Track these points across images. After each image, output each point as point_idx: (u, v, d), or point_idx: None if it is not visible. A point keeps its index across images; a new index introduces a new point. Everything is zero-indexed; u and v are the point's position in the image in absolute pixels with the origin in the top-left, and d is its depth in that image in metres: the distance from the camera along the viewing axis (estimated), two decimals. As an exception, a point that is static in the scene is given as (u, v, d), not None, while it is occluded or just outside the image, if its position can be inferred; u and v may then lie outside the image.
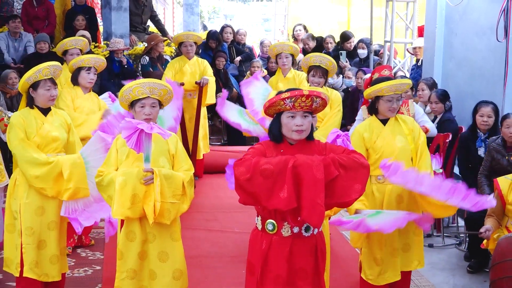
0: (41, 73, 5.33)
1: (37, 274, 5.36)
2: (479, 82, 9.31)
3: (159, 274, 4.48)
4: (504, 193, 6.00)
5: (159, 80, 4.83)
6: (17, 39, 11.14)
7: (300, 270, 3.93)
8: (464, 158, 7.38)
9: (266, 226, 3.95)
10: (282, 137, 3.95)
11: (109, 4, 11.86)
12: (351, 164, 3.79)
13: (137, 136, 4.25)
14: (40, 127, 5.36)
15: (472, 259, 6.88)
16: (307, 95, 3.83)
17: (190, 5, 14.12)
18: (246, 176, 3.72)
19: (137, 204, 4.35)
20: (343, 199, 3.82)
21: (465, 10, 9.82)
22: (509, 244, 5.60)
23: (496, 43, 8.75)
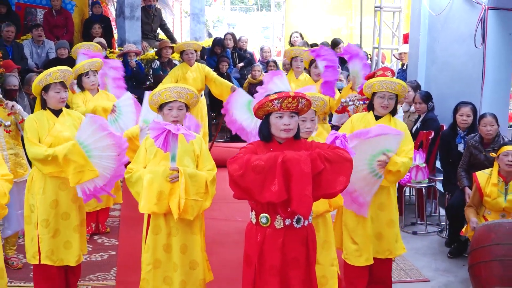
0: (51, 76, 5.32)
1: (53, 260, 5.41)
2: (458, 85, 9.31)
3: (179, 264, 4.49)
4: (482, 186, 6.02)
5: (186, 85, 4.81)
6: (40, 46, 11.14)
7: (293, 260, 3.93)
8: (445, 154, 7.39)
9: (260, 219, 3.95)
10: (271, 136, 3.96)
11: (123, 13, 11.87)
12: (335, 158, 3.79)
13: (164, 136, 4.24)
14: (52, 128, 5.35)
15: (452, 245, 6.90)
16: (293, 96, 3.83)
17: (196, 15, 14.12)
18: (239, 172, 3.73)
19: (163, 200, 4.35)
20: (329, 191, 3.82)
21: (446, 19, 9.82)
22: (485, 232, 5.62)
23: (474, 49, 8.75)
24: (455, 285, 6.12)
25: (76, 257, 5.52)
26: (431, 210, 8.15)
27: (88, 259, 6.46)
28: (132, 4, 11.86)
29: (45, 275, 5.50)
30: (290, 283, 3.93)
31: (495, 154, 6.02)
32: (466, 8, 9.24)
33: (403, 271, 6.42)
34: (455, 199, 6.77)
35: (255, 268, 3.96)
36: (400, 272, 6.38)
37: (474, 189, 6.14)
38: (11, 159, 6.08)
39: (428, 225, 7.70)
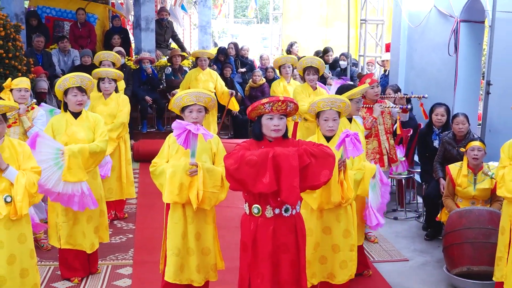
0: (68, 81, 5.26)
1: (72, 245, 5.40)
2: (434, 88, 9.30)
3: (196, 250, 4.47)
4: (454, 177, 6.03)
5: (205, 90, 4.76)
6: (66, 54, 11.15)
7: (282, 245, 3.92)
8: (422, 149, 7.38)
9: (252, 210, 3.95)
10: (262, 135, 3.96)
11: (139, 26, 11.87)
12: (320, 154, 3.79)
13: (185, 135, 4.22)
14: (68, 127, 5.30)
15: (428, 229, 6.89)
16: (282, 100, 3.85)
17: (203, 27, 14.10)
18: (234, 166, 3.72)
19: (184, 191, 4.32)
20: (314, 182, 3.81)
21: (423, 31, 9.81)
22: (457, 217, 5.62)
23: (448, 57, 8.75)
24: (431, 264, 6.11)
25: (89, 246, 5.47)
26: (410, 198, 8.14)
27: (109, 242, 6.45)
28: (147, 17, 11.87)
29: (67, 257, 5.50)
30: (280, 265, 3.94)
31: (464, 149, 6.03)
32: (441, 20, 9.23)
33: (385, 252, 6.41)
34: (431, 189, 6.76)
35: (250, 253, 3.97)
36: (382, 253, 6.37)
37: (447, 181, 6.15)
38: None
39: (407, 212, 7.69)
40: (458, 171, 6.03)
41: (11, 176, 4.16)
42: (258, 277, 3.94)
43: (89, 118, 5.43)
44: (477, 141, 5.97)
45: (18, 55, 8.69)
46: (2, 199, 4.11)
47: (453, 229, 5.55)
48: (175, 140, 4.37)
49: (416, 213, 7.66)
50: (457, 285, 5.50)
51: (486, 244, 5.32)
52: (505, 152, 4.82)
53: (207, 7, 14.16)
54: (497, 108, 7.34)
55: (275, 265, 3.93)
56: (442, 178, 6.55)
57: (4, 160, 4.15)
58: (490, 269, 5.13)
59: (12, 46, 8.60)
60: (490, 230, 5.35)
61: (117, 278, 5.65)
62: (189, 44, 20.17)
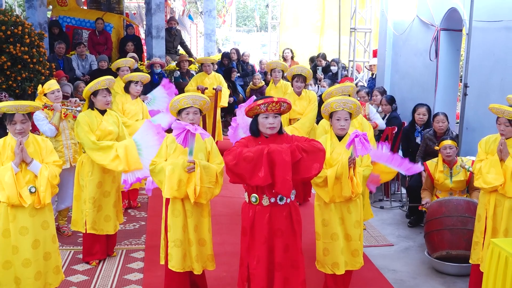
0: (100, 84, 5.31)
1: (96, 230, 5.46)
2: (416, 90, 9.30)
3: (194, 241, 4.44)
4: (432, 172, 6.06)
5: (200, 93, 4.73)
6: (84, 59, 11.13)
7: (277, 230, 3.95)
8: (406, 145, 7.38)
9: (251, 199, 3.98)
10: (259, 132, 3.99)
11: (151, 34, 11.85)
12: (311, 149, 3.80)
13: (184, 134, 4.20)
14: (100, 124, 5.34)
15: (411, 217, 6.89)
16: (276, 101, 3.87)
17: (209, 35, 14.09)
18: (233, 162, 3.76)
19: (182, 187, 4.28)
20: (306, 175, 3.83)
21: (406, 38, 9.80)
22: (437, 207, 5.63)
23: (429, 62, 8.75)
24: (414, 249, 6.11)
25: (113, 227, 5.58)
26: (394, 189, 8.14)
27: (123, 228, 6.47)
28: (158, 26, 11.85)
29: (90, 241, 5.54)
30: (274, 249, 3.96)
31: (438, 147, 6.04)
32: (423, 29, 9.21)
33: (372, 238, 6.41)
34: (414, 181, 6.76)
35: (248, 237, 4.00)
36: (370, 239, 6.36)
37: (426, 176, 6.17)
38: (72, 147, 6.10)
39: (392, 201, 7.68)
40: (435, 166, 6.05)
41: (35, 168, 4.16)
42: (255, 259, 3.97)
43: (112, 114, 5.53)
44: (448, 140, 5.99)
45: (42, 60, 8.69)
46: (27, 189, 4.11)
47: (433, 217, 5.56)
48: (172, 141, 4.37)
49: (400, 203, 7.66)
50: (437, 267, 5.51)
51: (463, 230, 5.32)
52: (482, 147, 4.81)
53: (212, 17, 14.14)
54: (473, 108, 7.33)
55: (270, 249, 3.95)
56: (423, 171, 6.55)
57: (29, 155, 4.15)
58: (467, 253, 5.13)
59: (36, 52, 8.60)
60: (467, 218, 5.35)
61: (131, 261, 5.67)
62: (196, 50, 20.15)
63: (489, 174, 4.61)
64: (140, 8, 17.41)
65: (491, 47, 7.24)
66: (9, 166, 4.06)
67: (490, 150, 4.74)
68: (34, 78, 8.44)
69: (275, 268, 3.97)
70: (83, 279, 5.24)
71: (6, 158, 4.12)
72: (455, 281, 5.30)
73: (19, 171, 4.10)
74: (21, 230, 4.13)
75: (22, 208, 4.11)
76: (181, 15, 18.76)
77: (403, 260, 5.78)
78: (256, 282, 3.97)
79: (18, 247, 4.13)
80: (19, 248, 4.13)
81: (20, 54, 8.32)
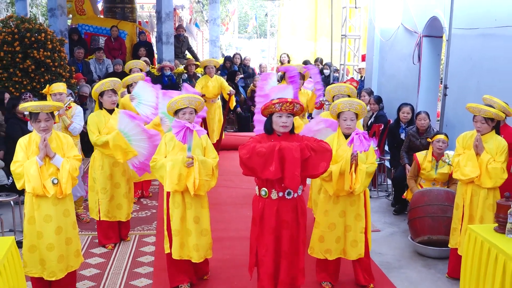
0: (104, 85, 5.29)
1: (109, 217, 5.48)
2: (401, 91, 9.29)
3: (192, 231, 4.41)
4: (420, 162, 6.03)
5: (195, 95, 4.67)
6: (101, 63, 11.12)
7: (284, 222, 3.89)
8: (391, 140, 7.37)
9: (261, 192, 3.92)
10: (272, 130, 3.90)
11: (161, 40, 11.82)
12: (319, 149, 3.74)
13: (184, 131, 4.18)
14: (107, 122, 5.33)
15: (396, 206, 6.89)
16: (290, 101, 3.78)
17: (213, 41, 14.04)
18: (247, 156, 3.69)
19: (182, 181, 4.26)
20: (313, 172, 3.77)
21: (392, 44, 9.78)
22: (420, 196, 5.62)
23: (412, 66, 8.73)
24: (398, 234, 6.11)
25: (125, 215, 5.58)
26: (381, 180, 8.13)
27: (136, 216, 6.48)
28: (168, 33, 11.82)
29: (104, 227, 5.56)
30: (281, 239, 3.91)
31: (430, 140, 6.03)
32: (407, 36, 9.20)
33: (361, 224, 6.41)
34: (398, 172, 6.76)
35: (258, 227, 3.95)
36: (359, 225, 6.37)
37: (414, 164, 6.15)
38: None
39: (379, 191, 7.68)
40: (424, 157, 6.03)
41: (58, 162, 4.16)
42: (263, 248, 3.93)
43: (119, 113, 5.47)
44: (443, 135, 5.93)
45: (63, 64, 8.69)
46: (50, 181, 4.11)
47: (416, 205, 5.56)
48: (171, 138, 4.34)
49: (386, 193, 7.66)
50: (420, 251, 5.51)
51: (443, 217, 5.32)
52: (460, 143, 4.82)
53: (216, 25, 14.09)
54: (452, 107, 7.32)
55: (277, 239, 3.91)
56: (407, 164, 6.55)
57: (52, 150, 4.15)
58: (446, 238, 5.13)
59: (58, 56, 8.59)
60: (446, 206, 5.35)
61: (143, 245, 5.68)
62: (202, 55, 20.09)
63: (466, 167, 4.62)
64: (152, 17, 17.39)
65: (468, 52, 7.22)
66: (34, 160, 4.07)
67: (467, 145, 4.75)
68: (56, 80, 8.42)
69: (282, 256, 3.93)
70: (100, 261, 5.26)
71: (32, 152, 4.12)
72: (436, 263, 5.31)
73: (43, 165, 4.10)
74: (45, 218, 4.13)
75: (45, 198, 4.12)
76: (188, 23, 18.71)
77: (389, 245, 5.79)
78: (264, 268, 3.94)
79: (43, 233, 4.14)
80: (44, 234, 4.14)
81: (43, 59, 8.32)
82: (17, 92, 8.08)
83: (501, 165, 4.51)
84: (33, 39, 8.28)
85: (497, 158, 4.54)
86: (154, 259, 5.30)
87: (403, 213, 6.69)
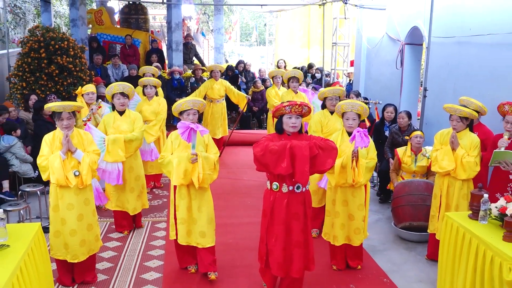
0: (113, 88, 5.28)
1: (120, 207, 5.48)
2: (385, 93, 9.28)
3: (198, 219, 4.39)
4: (401, 157, 6.03)
5: (198, 98, 4.62)
6: (117, 68, 11.08)
7: (294, 214, 3.83)
8: (377, 137, 7.35)
9: (272, 186, 3.85)
10: (283, 130, 3.86)
11: (171, 47, 11.79)
12: (326, 147, 3.70)
13: (188, 132, 4.17)
14: (114, 122, 5.31)
15: (381, 195, 6.88)
16: (299, 104, 3.75)
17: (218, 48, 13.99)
18: (260, 153, 3.64)
19: (188, 175, 4.24)
20: (321, 168, 3.72)
21: (377, 51, 9.77)
22: (402, 187, 5.62)
23: (396, 70, 8.73)
24: (383, 220, 6.11)
25: (132, 209, 5.49)
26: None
27: (150, 204, 6.45)
28: (177, 41, 11.78)
29: (118, 216, 5.55)
30: (292, 230, 3.85)
31: (408, 137, 6.03)
32: (390, 43, 9.19)
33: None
34: (383, 166, 6.74)
35: (268, 219, 3.89)
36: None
37: (395, 159, 6.15)
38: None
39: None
40: (404, 152, 6.03)
41: (79, 156, 4.15)
42: (273, 237, 3.87)
43: (130, 115, 5.42)
44: (419, 131, 5.97)
45: (83, 69, 8.67)
46: (72, 173, 4.10)
47: (399, 195, 5.56)
48: (176, 137, 4.32)
49: (372, 183, 7.65)
50: (402, 235, 5.51)
51: (422, 206, 5.32)
52: (437, 139, 4.81)
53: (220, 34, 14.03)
54: (431, 107, 7.32)
55: (287, 229, 3.84)
56: (391, 158, 6.54)
57: (73, 145, 4.14)
58: (425, 224, 5.14)
59: (79, 62, 8.57)
60: (426, 196, 5.35)
61: (155, 230, 5.67)
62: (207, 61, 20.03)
63: (443, 161, 4.61)
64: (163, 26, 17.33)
65: (446, 58, 7.21)
66: (57, 154, 4.06)
67: (444, 141, 4.74)
68: (77, 83, 8.42)
69: (294, 245, 3.85)
70: (117, 245, 5.26)
71: (55, 148, 4.12)
72: (416, 246, 5.32)
73: (66, 158, 4.09)
74: (68, 206, 4.13)
75: (68, 188, 4.11)
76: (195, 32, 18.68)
77: (374, 230, 5.79)
78: (273, 257, 3.88)
79: (66, 220, 4.13)
80: (67, 220, 4.13)
81: (66, 64, 8.30)
82: (42, 94, 8.07)
83: (474, 159, 4.50)
84: (57, 46, 8.26)
85: (471, 153, 4.54)
86: (165, 243, 5.30)
87: (387, 202, 6.69)
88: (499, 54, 6.01)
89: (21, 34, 15.82)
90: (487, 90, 6.10)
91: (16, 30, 16.04)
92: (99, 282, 4.45)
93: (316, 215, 5.36)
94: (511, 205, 3.64)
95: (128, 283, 4.44)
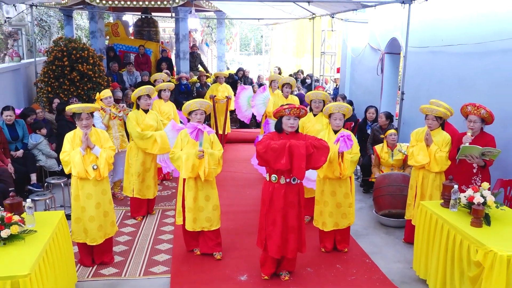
0: (141, 91, 5.29)
1: (140, 195, 5.45)
2: (367, 96, 9.27)
3: (204, 208, 4.38)
4: (379, 153, 6.03)
5: (205, 100, 4.62)
6: (131, 75, 11.04)
7: (290, 203, 3.83)
8: (360, 135, 7.35)
9: (271, 178, 3.85)
10: (282, 130, 3.86)
11: (179, 56, 11.76)
12: (320, 146, 3.70)
13: (196, 131, 4.17)
14: (144, 120, 5.31)
15: (364, 186, 6.87)
16: (297, 107, 3.77)
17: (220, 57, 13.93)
18: (263, 150, 3.65)
19: (195, 170, 4.23)
20: (315, 165, 3.72)
21: (361, 59, 9.75)
22: (382, 179, 5.61)
23: (377, 76, 8.71)
24: (365, 209, 6.10)
25: (152, 194, 5.54)
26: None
27: (160, 194, 6.44)
28: (184, 51, 11.75)
29: (136, 203, 5.54)
30: (288, 216, 3.85)
31: (383, 136, 6.03)
32: (372, 53, 9.17)
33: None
34: (365, 160, 6.73)
35: (267, 207, 3.89)
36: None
37: (374, 156, 6.14)
38: (120, 138, 6.07)
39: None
40: (381, 149, 6.04)
41: (97, 152, 4.13)
42: (271, 223, 3.88)
43: (153, 113, 5.49)
44: (393, 129, 5.98)
45: (101, 75, 8.63)
46: (91, 167, 4.08)
47: (379, 186, 5.55)
48: (185, 135, 4.31)
49: (356, 176, 7.63)
50: (382, 221, 5.51)
51: (400, 195, 5.32)
52: (413, 136, 4.80)
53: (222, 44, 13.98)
54: (408, 109, 7.31)
55: (285, 216, 3.85)
56: (372, 154, 6.52)
57: (92, 142, 4.12)
58: (403, 211, 5.14)
59: (97, 69, 8.53)
60: (403, 187, 5.34)
61: (165, 218, 5.65)
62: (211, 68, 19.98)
63: (419, 156, 4.60)
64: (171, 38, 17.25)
65: (420, 65, 7.21)
66: (78, 150, 4.04)
67: (419, 138, 4.73)
68: (96, 88, 8.39)
69: (289, 231, 3.87)
70: (131, 230, 5.24)
71: (76, 144, 4.10)
72: (394, 231, 5.31)
73: (85, 154, 4.07)
74: (87, 196, 4.10)
75: (87, 180, 4.08)
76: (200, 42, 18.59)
77: (358, 217, 5.77)
78: (272, 241, 3.88)
79: (85, 208, 4.11)
80: (86, 208, 4.11)
81: (86, 71, 8.27)
82: (65, 97, 8.05)
83: (446, 154, 4.50)
84: (78, 55, 8.22)
85: (443, 149, 4.53)
86: (174, 228, 5.27)
87: (369, 192, 6.67)
88: (468, 62, 6.00)
89: (47, 44, 15.77)
90: (456, 94, 6.10)
91: (42, 41, 16.00)
92: (116, 262, 4.44)
93: (307, 204, 5.34)
94: (478, 194, 3.65)
95: (141, 263, 4.44)
